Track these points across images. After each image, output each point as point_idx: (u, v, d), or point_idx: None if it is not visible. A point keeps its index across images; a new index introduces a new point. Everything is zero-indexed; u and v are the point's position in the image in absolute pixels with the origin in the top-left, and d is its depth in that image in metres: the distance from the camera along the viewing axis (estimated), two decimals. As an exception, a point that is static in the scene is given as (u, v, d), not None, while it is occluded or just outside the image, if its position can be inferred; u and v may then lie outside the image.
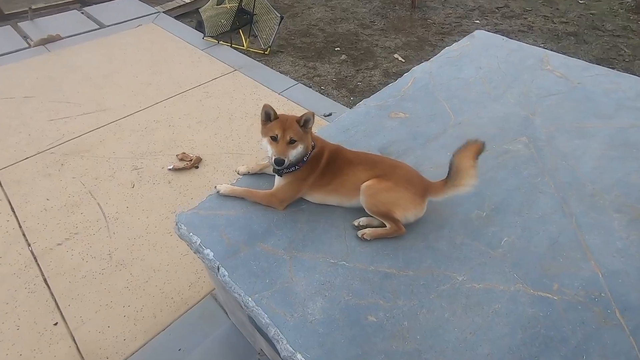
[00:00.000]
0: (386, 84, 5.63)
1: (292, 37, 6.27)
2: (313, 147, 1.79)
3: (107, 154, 3.85)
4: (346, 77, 5.53)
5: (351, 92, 5.26)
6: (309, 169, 1.78)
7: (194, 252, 1.79)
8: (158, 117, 4.27)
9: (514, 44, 3.02)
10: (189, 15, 6.85)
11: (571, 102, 2.45)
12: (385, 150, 2.18)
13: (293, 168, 1.76)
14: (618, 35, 6.11)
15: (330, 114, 4.56)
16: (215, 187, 1.96)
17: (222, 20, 5.93)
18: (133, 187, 3.52)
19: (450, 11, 7.12)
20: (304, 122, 1.69)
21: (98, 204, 3.36)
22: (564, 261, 1.64)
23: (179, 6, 6.75)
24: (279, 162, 1.65)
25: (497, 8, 7.16)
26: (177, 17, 6.64)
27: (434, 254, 1.68)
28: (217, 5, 6.07)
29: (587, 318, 1.46)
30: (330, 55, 5.91)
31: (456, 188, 1.69)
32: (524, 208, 1.86)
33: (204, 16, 5.83)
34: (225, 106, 4.41)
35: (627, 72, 2.78)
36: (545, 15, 6.83)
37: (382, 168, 1.77)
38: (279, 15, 5.63)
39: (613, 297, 1.52)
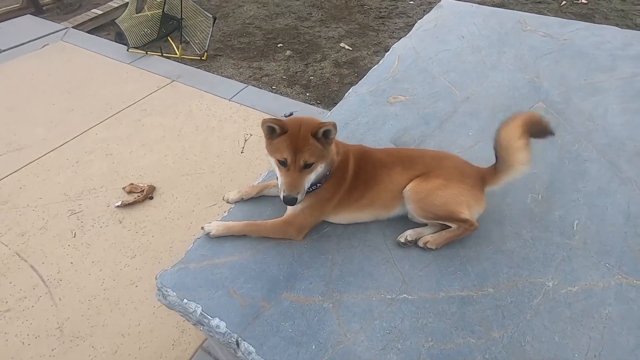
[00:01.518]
0: (339, 75, 5.32)
1: (229, 39, 5.70)
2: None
3: (32, 202, 3.04)
4: (296, 73, 5.12)
5: (305, 88, 4.87)
6: (334, 184, 1.35)
7: (196, 325, 1.27)
8: (90, 146, 3.51)
9: (486, 9, 2.83)
10: (104, 28, 5.95)
11: (567, 60, 2.28)
12: (399, 141, 1.81)
13: (313, 187, 1.32)
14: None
15: (291, 114, 4.11)
16: (203, 227, 1.45)
17: (146, 29, 5.19)
18: (75, 237, 2.78)
19: (385, -6, 7.02)
20: (324, 135, 1.24)
21: (31, 266, 2.59)
22: (649, 235, 1.39)
23: (90, 20, 5.82)
24: (289, 201, 1.24)
25: (427, -13, 7.20)
26: (90, 32, 5.72)
27: (507, 258, 1.34)
28: (136, 14, 5.31)
29: None
30: (274, 53, 5.46)
31: (512, 170, 1.36)
32: (577, 181, 1.59)
33: (122, 27, 5.05)
34: (170, 122, 3.76)
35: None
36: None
37: (424, 163, 1.39)
38: (211, 16, 5.04)
39: None
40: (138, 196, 3.11)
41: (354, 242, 1.41)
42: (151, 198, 3.16)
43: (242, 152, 3.54)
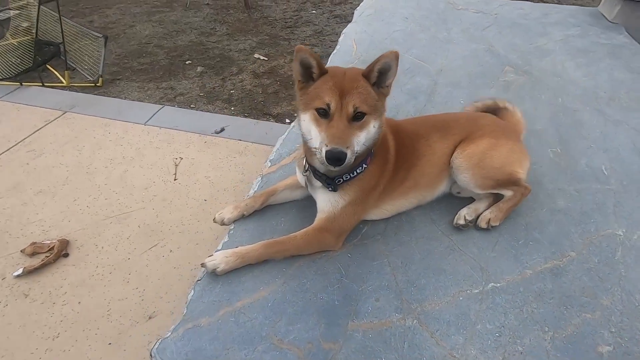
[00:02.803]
0: (261, 85, 5.03)
1: (126, 60, 4.96)
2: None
3: None
4: (214, 88, 4.67)
5: (228, 102, 4.46)
6: (379, 166, 1.05)
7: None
8: (-39, 208, 2.57)
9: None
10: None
11: (507, 30, 2.37)
12: (397, 118, 1.59)
13: (354, 172, 0.99)
14: None
15: (222, 130, 3.67)
16: (204, 264, 1.01)
17: (14, 59, 4.20)
18: (-43, 336, 1.93)
19: (285, 6, 6.99)
20: (379, 75, 0.93)
21: None
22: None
23: None
24: (335, 157, 0.85)
25: (324, -2, 7.42)
26: None
27: (567, 216, 1.21)
28: (-3, 43, 4.27)
29: None
30: (184, 70, 4.93)
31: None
32: (580, 130, 1.57)
33: (-20, 60, 3.99)
34: (72, 160, 2.99)
35: None
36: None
37: (460, 127, 1.18)
38: (102, 36, 4.30)
39: None
40: (46, 257, 2.34)
41: (403, 237, 1.12)
42: (66, 255, 2.42)
43: (175, 179, 2.97)
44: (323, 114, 0.90)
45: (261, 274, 1.01)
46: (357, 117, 0.90)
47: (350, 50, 2.10)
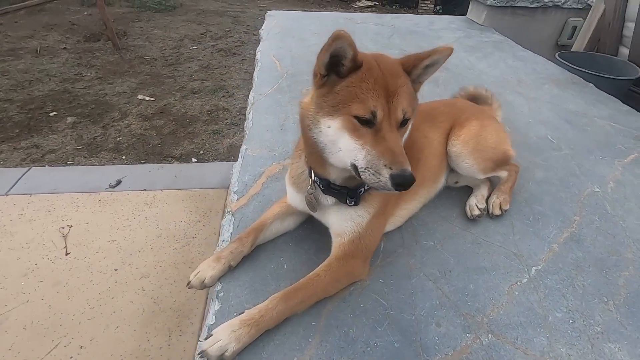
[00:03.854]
0: (152, 127, 4.52)
1: (-39, 123, 3.87)
2: None
3: None
4: (94, 138, 3.97)
5: (117, 151, 3.83)
6: None
7: None
8: None
9: (311, 13, 2.89)
10: None
11: (409, 37, 2.53)
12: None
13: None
14: None
15: (119, 182, 3.09)
16: (204, 351, 0.68)
17: None
18: None
19: (161, 45, 6.52)
20: (425, 68, 0.78)
21: None
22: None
23: None
24: (408, 182, 0.66)
25: (201, 34, 7.17)
26: None
27: (555, 186, 1.22)
28: None
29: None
30: (49, 124, 4.08)
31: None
32: (516, 109, 1.70)
33: None
34: None
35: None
36: (245, 32, 7.43)
37: (443, 114, 1.11)
38: None
39: None
40: None
41: (426, 243, 0.97)
42: None
43: (67, 254, 2.36)
44: (365, 121, 0.69)
45: (285, 338, 0.73)
46: (403, 123, 0.72)
47: (273, 67, 1.94)
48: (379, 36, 2.49)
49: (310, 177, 0.83)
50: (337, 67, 0.70)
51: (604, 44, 2.32)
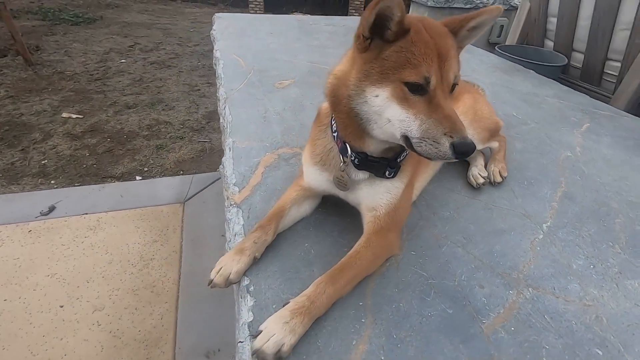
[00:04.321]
0: (84, 147, 4.14)
1: None
2: None
3: None
4: (13, 164, 3.47)
5: (43, 176, 3.39)
6: None
7: None
8: None
9: (257, 16, 2.85)
10: None
11: (334, 38, 2.54)
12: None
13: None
14: None
15: (52, 209, 2.72)
16: (258, 350, 0.60)
17: None
18: None
19: (83, 59, 5.95)
20: (471, 30, 0.73)
21: None
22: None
23: None
24: (470, 149, 0.63)
25: (129, 47, 6.70)
26: None
27: (533, 154, 1.31)
28: None
29: None
30: (-47, 152, 3.47)
31: None
32: (476, 94, 1.79)
33: None
34: None
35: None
36: (178, 44, 7.13)
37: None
38: None
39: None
40: None
41: (443, 214, 0.97)
42: None
43: None
44: (417, 88, 0.64)
45: (337, 323, 0.67)
46: (453, 88, 0.69)
47: (237, 62, 1.85)
48: (335, 35, 2.52)
49: (344, 153, 0.77)
50: (383, 30, 0.65)
51: (532, 37, 2.61)
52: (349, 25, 2.79)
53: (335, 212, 0.92)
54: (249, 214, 0.91)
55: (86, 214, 2.72)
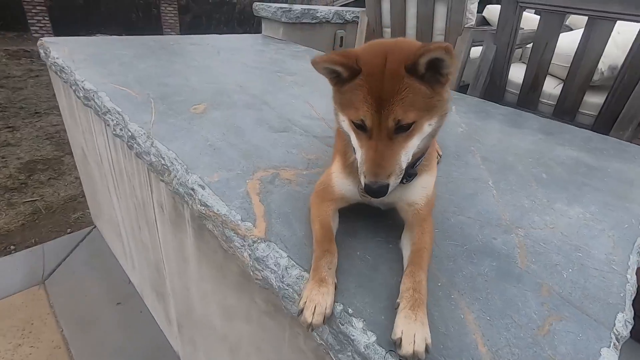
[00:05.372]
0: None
1: None
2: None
3: None
4: None
5: None
6: None
7: None
8: None
9: (104, 38, 2.45)
10: None
11: (209, 56, 2.55)
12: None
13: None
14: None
15: None
16: (408, 356, 0.62)
17: None
18: None
19: None
20: (430, 67, 0.69)
21: None
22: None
23: None
24: (376, 192, 0.71)
25: None
26: None
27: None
28: None
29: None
30: None
31: None
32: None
33: None
34: None
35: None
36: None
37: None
38: None
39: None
40: None
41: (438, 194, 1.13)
42: None
43: None
44: (360, 127, 0.73)
45: (435, 310, 0.73)
46: (401, 129, 0.71)
47: (126, 93, 1.57)
48: (207, 53, 2.41)
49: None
50: (340, 71, 0.73)
51: (373, 44, 3.11)
52: (212, 44, 2.71)
53: (363, 217, 0.95)
54: (285, 245, 0.85)
55: None
